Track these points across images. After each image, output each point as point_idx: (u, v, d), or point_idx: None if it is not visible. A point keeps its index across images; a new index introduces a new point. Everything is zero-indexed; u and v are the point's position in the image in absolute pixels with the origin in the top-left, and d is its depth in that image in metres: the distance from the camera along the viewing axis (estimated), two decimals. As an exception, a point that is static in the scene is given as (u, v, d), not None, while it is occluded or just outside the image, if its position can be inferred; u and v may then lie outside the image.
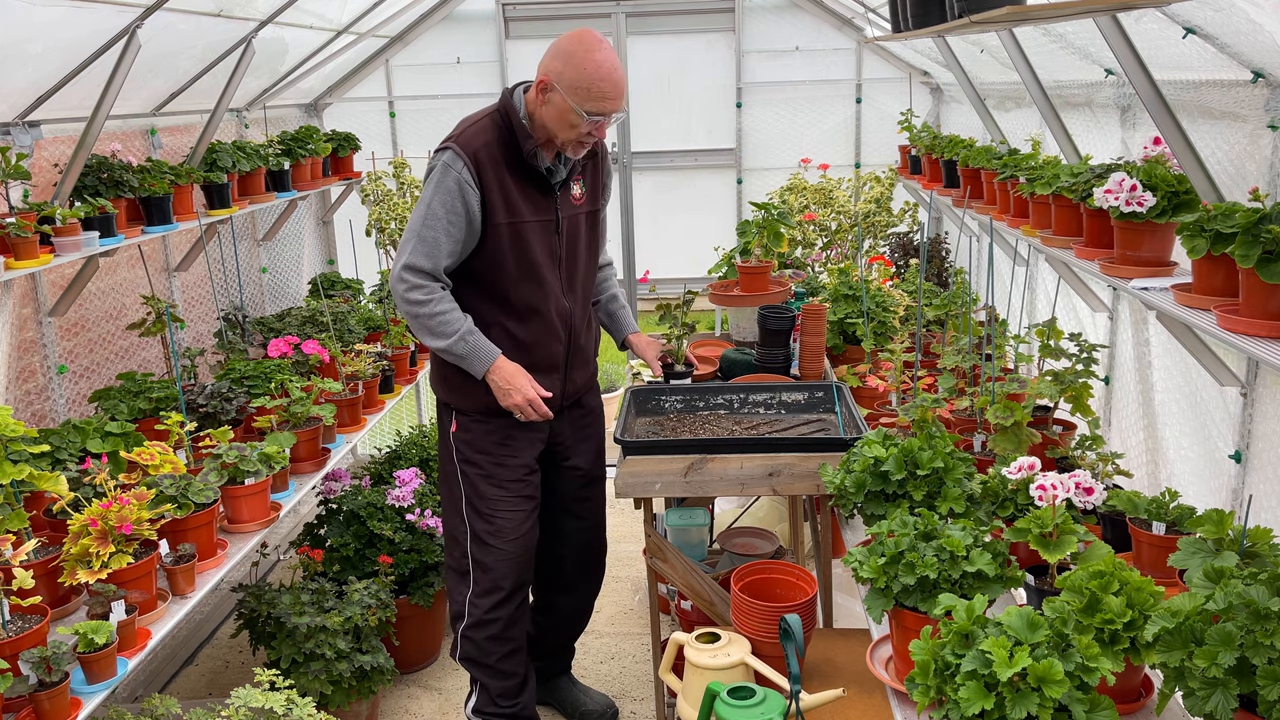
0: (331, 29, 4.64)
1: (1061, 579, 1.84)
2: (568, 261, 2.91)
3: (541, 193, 2.82)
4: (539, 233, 2.82)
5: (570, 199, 2.88)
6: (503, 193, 2.74)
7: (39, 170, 3.31)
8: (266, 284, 5.02)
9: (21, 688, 2.00)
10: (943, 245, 5.05)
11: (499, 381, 2.76)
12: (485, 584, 2.94)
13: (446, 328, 2.72)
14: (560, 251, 2.88)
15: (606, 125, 2.71)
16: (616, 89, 2.64)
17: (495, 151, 2.74)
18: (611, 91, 2.64)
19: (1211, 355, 2.49)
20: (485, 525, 2.91)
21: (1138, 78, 2.39)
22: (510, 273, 2.80)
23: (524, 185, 2.79)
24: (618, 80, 2.64)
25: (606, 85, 2.62)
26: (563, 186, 2.86)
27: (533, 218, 2.80)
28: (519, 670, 3.05)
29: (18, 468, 2.31)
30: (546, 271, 2.84)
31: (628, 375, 3.97)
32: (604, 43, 2.66)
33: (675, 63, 5.57)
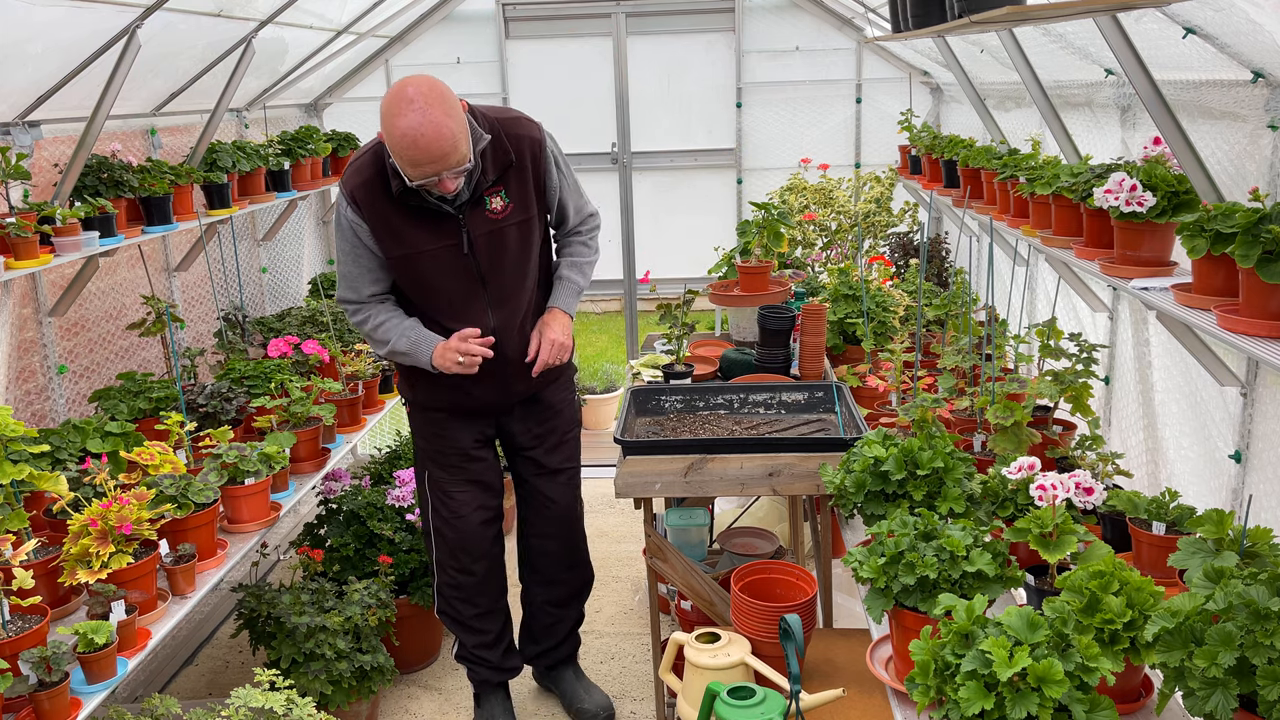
0: (331, 29, 4.64)
1: (1061, 579, 1.84)
2: (491, 277, 2.83)
3: (440, 218, 2.73)
4: (442, 258, 2.77)
5: (487, 214, 2.76)
6: (389, 227, 2.74)
7: (39, 170, 3.31)
8: (266, 284, 5.03)
9: (21, 688, 2.00)
10: (943, 245, 5.05)
11: (439, 362, 2.82)
12: (444, 552, 3.15)
13: (388, 334, 2.87)
14: (477, 270, 2.80)
15: (449, 179, 2.57)
16: (426, 155, 2.47)
17: (376, 186, 2.72)
18: (421, 158, 2.48)
19: (1211, 355, 2.49)
20: (437, 501, 3.12)
21: (1138, 78, 2.39)
22: (423, 297, 2.88)
23: (416, 214, 2.72)
24: (425, 146, 2.46)
25: (414, 153, 2.48)
26: (474, 204, 2.74)
27: (432, 245, 2.75)
28: (492, 628, 3.23)
29: (18, 468, 2.31)
30: (459, 293, 2.83)
31: (628, 375, 3.97)
32: (413, 104, 2.45)
33: (675, 63, 5.57)
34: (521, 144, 2.79)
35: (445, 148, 2.49)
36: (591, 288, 6.12)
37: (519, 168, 2.79)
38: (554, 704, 3.50)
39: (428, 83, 2.52)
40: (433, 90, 2.50)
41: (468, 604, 3.18)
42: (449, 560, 3.15)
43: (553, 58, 5.59)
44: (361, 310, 2.91)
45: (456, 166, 2.55)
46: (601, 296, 8.18)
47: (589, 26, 5.54)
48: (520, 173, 2.80)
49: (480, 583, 3.16)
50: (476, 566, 3.14)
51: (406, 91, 2.48)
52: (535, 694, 3.57)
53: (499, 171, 2.76)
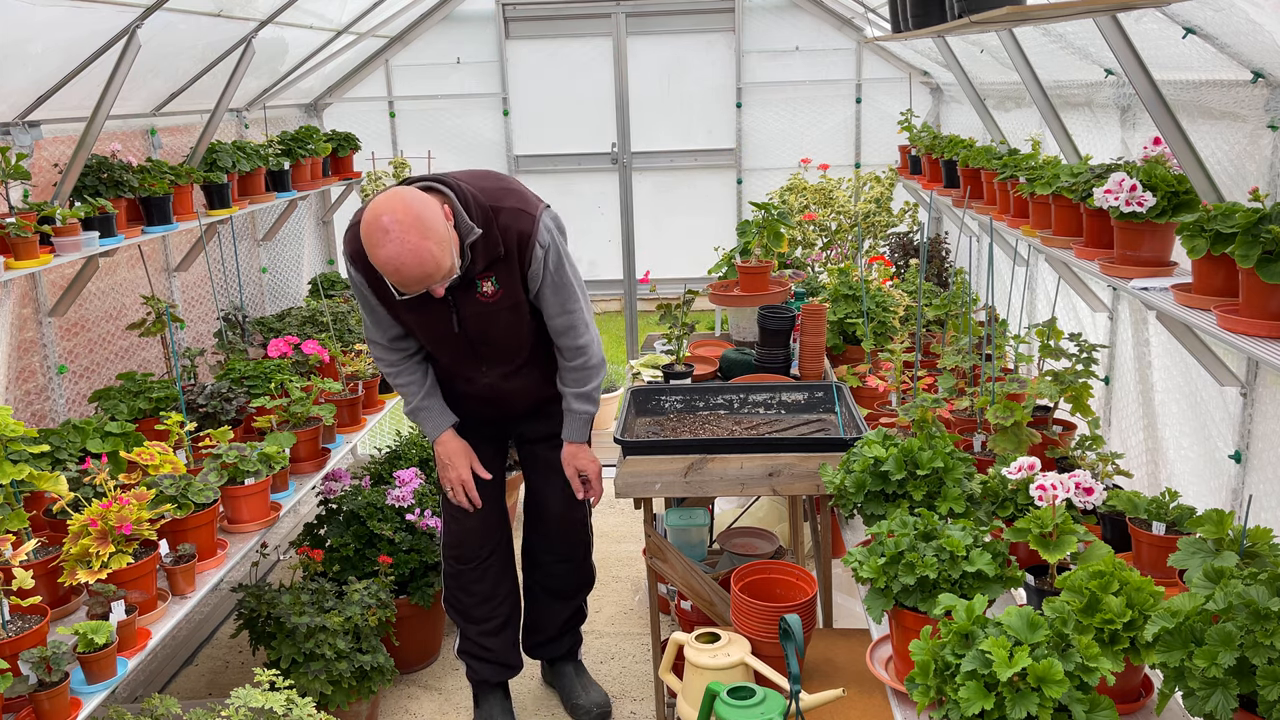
0: (331, 29, 4.64)
1: (1061, 579, 1.84)
2: (482, 348, 2.87)
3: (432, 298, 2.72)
4: (432, 326, 2.82)
5: (477, 296, 2.75)
6: (385, 295, 2.77)
7: (39, 170, 3.31)
8: (266, 284, 5.02)
9: (21, 688, 2.00)
10: (943, 245, 5.05)
11: (439, 455, 3.05)
12: (449, 540, 3.22)
13: (406, 396, 3.04)
14: (465, 344, 2.85)
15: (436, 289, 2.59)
16: (409, 279, 2.49)
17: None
18: (405, 281, 2.50)
19: (1211, 355, 2.49)
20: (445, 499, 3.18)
21: (1138, 78, 2.39)
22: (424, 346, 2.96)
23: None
24: (407, 273, 2.47)
25: (398, 278, 2.50)
26: (465, 285, 2.72)
27: (423, 318, 2.79)
28: (494, 616, 3.24)
29: (18, 468, 2.31)
30: (453, 354, 2.91)
31: (628, 375, 3.97)
32: (389, 234, 2.43)
33: (675, 63, 5.57)
34: (509, 236, 2.70)
35: (428, 270, 2.49)
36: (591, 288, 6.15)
37: (506, 257, 2.73)
38: (554, 704, 3.50)
39: (403, 206, 2.46)
40: (408, 214, 2.45)
41: (468, 591, 3.21)
42: (452, 549, 3.20)
43: (553, 58, 5.59)
44: (388, 361, 2.98)
45: (442, 281, 2.56)
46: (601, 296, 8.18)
47: (589, 26, 5.54)
48: (508, 263, 2.74)
49: (481, 571, 3.19)
50: (478, 555, 3.18)
51: (381, 221, 2.44)
52: (535, 694, 3.57)
53: (488, 260, 2.71)
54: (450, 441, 3.02)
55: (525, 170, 5.75)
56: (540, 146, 5.73)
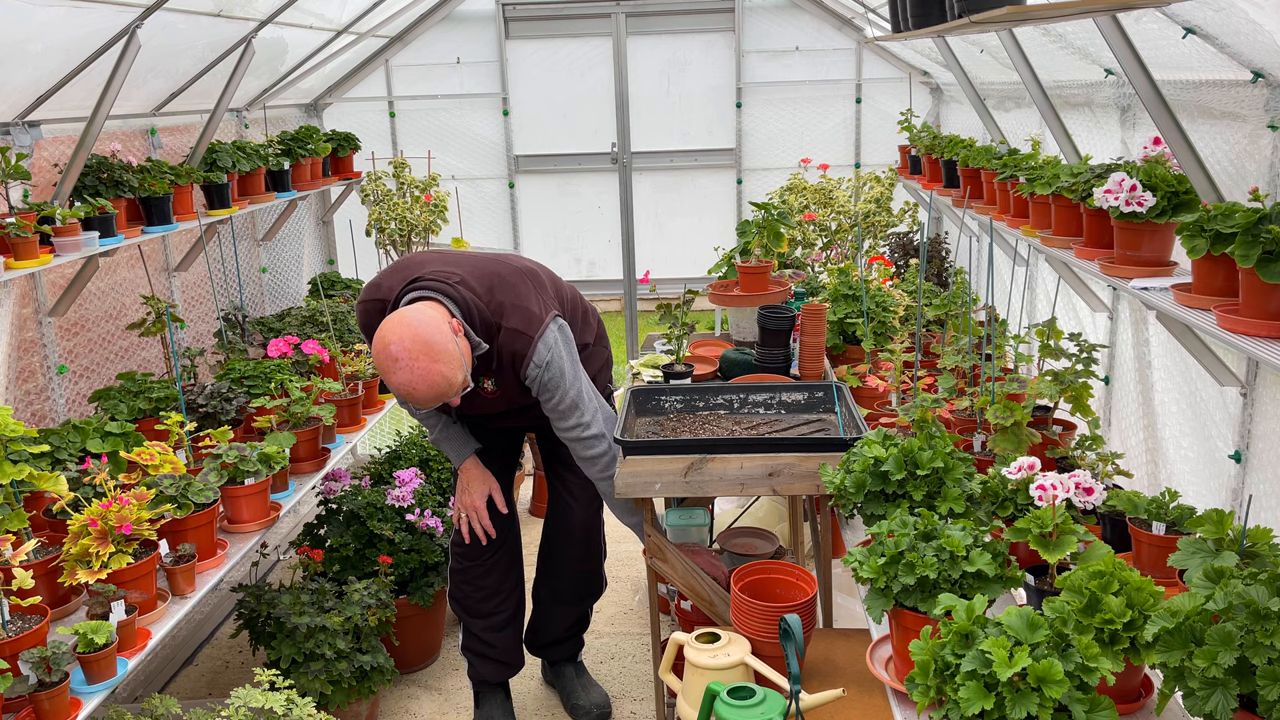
0: (331, 29, 4.64)
1: (1061, 579, 1.84)
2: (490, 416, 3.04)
3: None
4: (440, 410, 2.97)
5: (479, 391, 2.85)
6: None
7: (39, 170, 3.31)
8: (266, 284, 5.02)
9: (21, 688, 2.00)
10: (943, 245, 5.05)
11: (460, 482, 3.12)
12: (456, 537, 3.23)
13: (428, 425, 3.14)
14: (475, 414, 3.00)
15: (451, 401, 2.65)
16: (425, 400, 2.54)
17: None
18: (420, 402, 2.56)
19: (1211, 355, 2.49)
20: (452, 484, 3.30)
21: (1138, 78, 2.39)
22: None
23: None
24: (421, 397, 2.53)
25: (413, 401, 2.56)
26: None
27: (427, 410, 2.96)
28: (499, 612, 3.26)
29: (18, 468, 2.31)
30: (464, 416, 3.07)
31: (628, 375, 3.97)
32: (399, 363, 2.48)
33: (675, 63, 5.57)
34: (505, 355, 2.75)
35: (439, 391, 2.53)
36: (591, 288, 6.17)
37: (501, 370, 2.80)
38: (554, 705, 3.50)
39: (410, 334, 2.49)
40: (416, 342, 2.48)
41: (474, 586, 3.23)
42: (459, 544, 3.21)
43: (553, 58, 5.59)
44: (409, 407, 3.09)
45: (456, 395, 2.61)
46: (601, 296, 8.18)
47: (589, 26, 5.54)
48: (503, 373, 2.81)
49: (487, 566, 3.20)
50: (483, 553, 3.19)
51: (390, 350, 2.48)
52: (535, 694, 3.57)
53: (486, 369, 2.80)
54: (473, 469, 3.10)
55: (525, 170, 5.75)
56: (540, 146, 5.73)
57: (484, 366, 2.78)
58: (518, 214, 5.82)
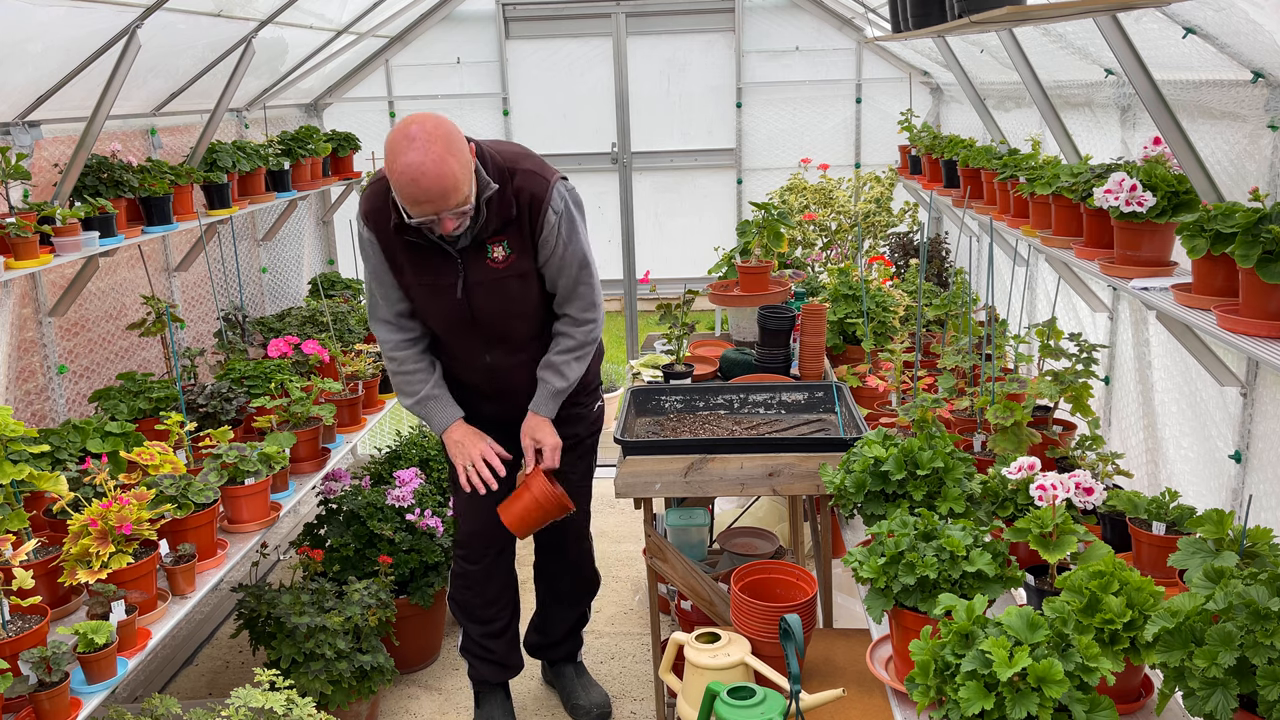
0: (331, 29, 4.64)
1: (1061, 579, 1.84)
2: (486, 322, 2.82)
3: (441, 257, 2.72)
4: (438, 294, 2.77)
5: (487, 263, 2.72)
6: (394, 254, 2.77)
7: (39, 170, 3.31)
8: (266, 284, 5.02)
9: (21, 688, 2.00)
10: (943, 245, 5.05)
11: (450, 442, 2.95)
12: (457, 540, 3.22)
13: (408, 386, 2.94)
14: (469, 313, 2.79)
15: (449, 219, 2.52)
16: (425, 194, 2.44)
17: (385, 215, 2.72)
18: (420, 196, 2.44)
19: (1211, 355, 2.49)
20: (457, 495, 3.16)
21: (1138, 78, 2.39)
22: (427, 321, 2.91)
23: (418, 250, 2.72)
24: (425, 185, 2.42)
25: (414, 191, 2.44)
26: (476, 249, 2.71)
27: (428, 281, 2.75)
28: (496, 619, 3.24)
29: (18, 468, 2.31)
30: (456, 328, 2.85)
31: (628, 375, 3.97)
32: (415, 142, 2.41)
33: (675, 63, 5.57)
34: (523, 197, 2.69)
35: (446, 187, 2.44)
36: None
37: (518, 220, 2.71)
38: (554, 705, 3.50)
39: (433, 120, 2.47)
40: (438, 128, 2.45)
41: (474, 591, 3.21)
42: (459, 547, 3.20)
43: (553, 58, 5.59)
44: (392, 343, 2.90)
45: (457, 207, 2.50)
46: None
47: (589, 26, 5.54)
48: (519, 227, 2.72)
49: (487, 573, 3.19)
50: (485, 557, 3.17)
51: (410, 129, 2.44)
52: (535, 694, 3.57)
53: (501, 223, 2.70)
54: (460, 428, 2.93)
55: (525, 170, 5.74)
56: (540, 146, 5.65)
57: (499, 221, 2.68)
58: (518, 214, 5.81)
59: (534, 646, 3.50)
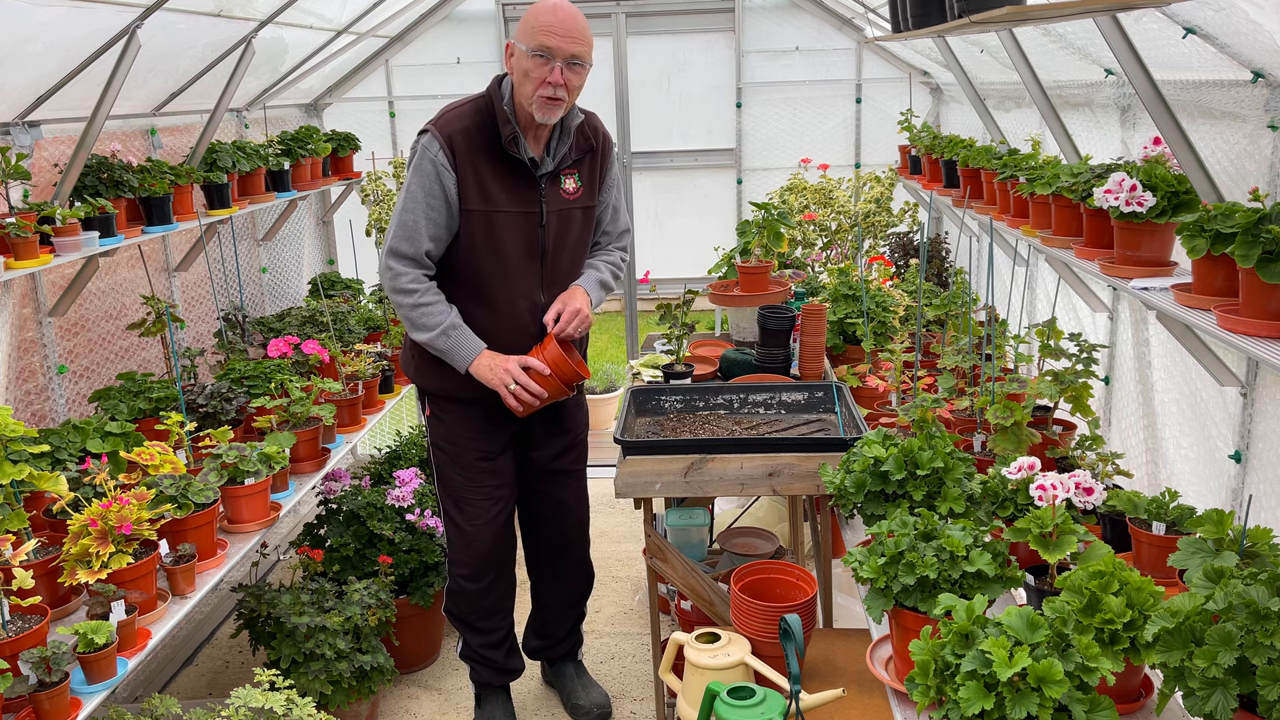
0: (331, 29, 4.64)
1: (1061, 579, 1.84)
2: (552, 255, 2.88)
3: (525, 184, 2.80)
4: (518, 223, 2.80)
5: (560, 193, 2.86)
6: (478, 179, 2.74)
7: (39, 170, 3.31)
8: (266, 284, 5.02)
9: (21, 688, 2.00)
10: (943, 245, 5.05)
11: (483, 373, 2.79)
12: (455, 556, 3.16)
13: (429, 319, 2.77)
14: (543, 244, 2.85)
15: (565, 71, 2.64)
16: (561, 24, 2.62)
17: (474, 136, 2.75)
18: (554, 23, 2.62)
19: (1211, 355, 2.49)
20: (454, 507, 3.10)
21: (1138, 78, 2.39)
22: (483, 261, 2.81)
23: (504, 174, 2.78)
24: (564, 17, 2.63)
25: (549, 18, 2.61)
26: (552, 179, 2.84)
27: (511, 208, 2.79)
28: (497, 629, 3.24)
29: (18, 468, 2.31)
30: (522, 263, 2.83)
31: (628, 375, 3.97)
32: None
33: (675, 63, 5.57)
34: (599, 136, 2.95)
35: (579, 28, 2.66)
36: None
37: (593, 154, 2.94)
38: (554, 705, 3.50)
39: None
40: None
41: (474, 607, 3.19)
42: (459, 565, 3.15)
43: (553, 58, 5.59)
44: (410, 276, 2.75)
45: (576, 59, 2.66)
46: (601, 296, 8.23)
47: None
48: (593, 161, 2.94)
49: (488, 588, 3.17)
50: (487, 573, 3.14)
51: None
52: (536, 695, 3.57)
53: (580, 153, 2.90)
54: (487, 355, 2.79)
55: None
56: (540, 146, 5.72)
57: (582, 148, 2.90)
58: (518, 214, 5.81)
59: (534, 650, 3.49)
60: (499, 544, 3.13)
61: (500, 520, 3.10)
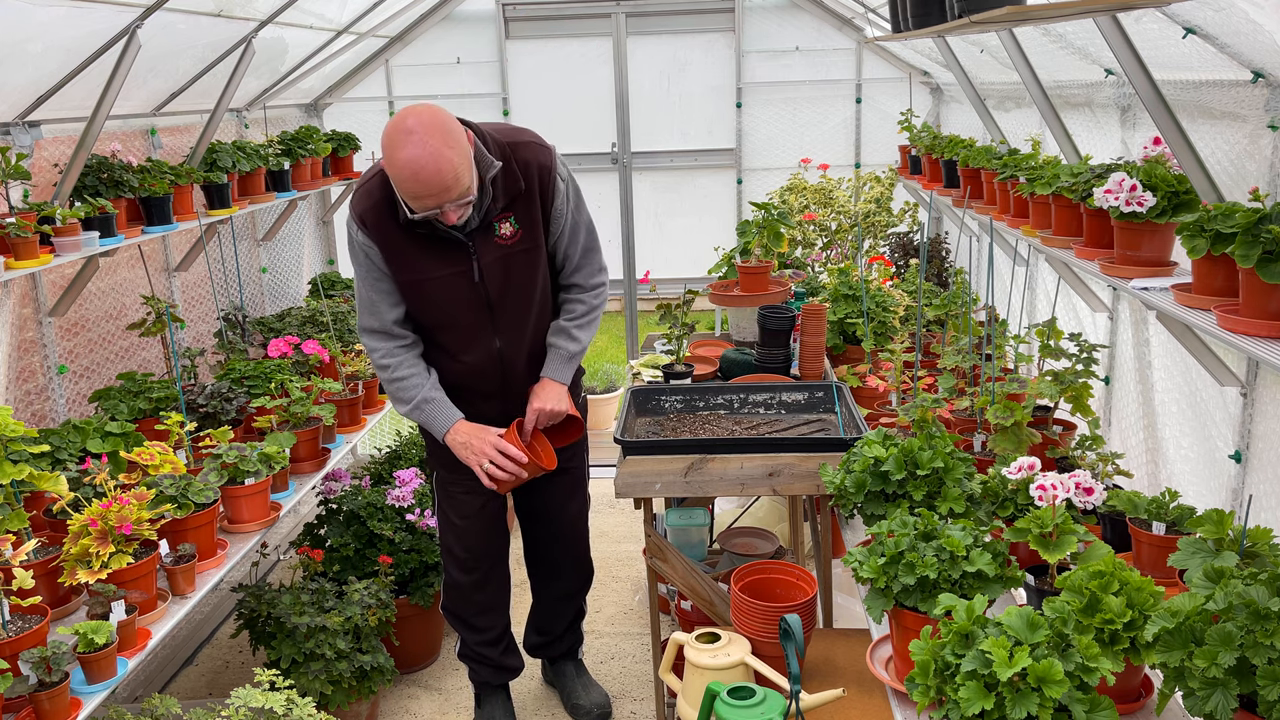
0: (331, 29, 4.64)
1: (1061, 579, 1.84)
2: (499, 304, 2.79)
3: (451, 245, 2.69)
4: (452, 284, 2.73)
5: (496, 240, 2.71)
6: (399, 250, 2.70)
7: (39, 170, 3.31)
8: (266, 284, 5.03)
9: (21, 688, 2.00)
10: (943, 245, 5.05)
11: (458, 443, 2.83)
12: (447, 549, 3.17)
13: (404, 393, 2.83)
14: (486, 296, 2.77)
15: (456, 209, 2.52)
16: (426, 189, 2.43)
17: (384, 211, 2.66)
18: (421, 191, 2.43)
19: (1211, 355, 2.49)
20: (445, 499, 3.11)
21: (1138, 78, 2.39)
22: (431, 322, 2.84)
23: (425, 240, 2.67)
24: (425, 180, 2.41)
25: (415, 186, 2.43)
26: (484, 229, 2.69)
27: (440, 272, 2.71)
28: (494, 625, 3.24)
29: (18, 468, 2.31)
30: (468, 318, 2.80)
31: (628, 375, 3.97)
32: (413, 135, 2.39)
33: (675, 63, 5.57)
34: (530, 170, 2.70)
35: (446, 181, 2.43)
36: (591, 288, 6.11)
37: (527, 193, 2.71)
38: (554, 705, 3.50)
39: (429, 113, 2.44)
40: (434, 121, 2.43)
41: (469, 602, 3.20)
42: (452, 559, 3.17)
43: (553, 58, 5.59)
44: (383, 351, 2.83)
45: (459, 199, 2.49)
46: (601, 296, 8.23)
47: (589, 26, 5.54)
48: (528, 199, 2.72)
49: (481, 582, 3.18)
50: (479, 567, 3.15)
51: (407, 122, 2.42)
52: (535, 694, 3.57)
53: (509, 198, 2.70)
54: (463, 427, 2.83)
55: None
56: (540, 146, 5.72)
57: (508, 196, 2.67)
58: (518, 214, 5.81)
59: (534, 647, 3.49)
60: (490, 537, 3.14)
61: (490, 513, 3.10)
